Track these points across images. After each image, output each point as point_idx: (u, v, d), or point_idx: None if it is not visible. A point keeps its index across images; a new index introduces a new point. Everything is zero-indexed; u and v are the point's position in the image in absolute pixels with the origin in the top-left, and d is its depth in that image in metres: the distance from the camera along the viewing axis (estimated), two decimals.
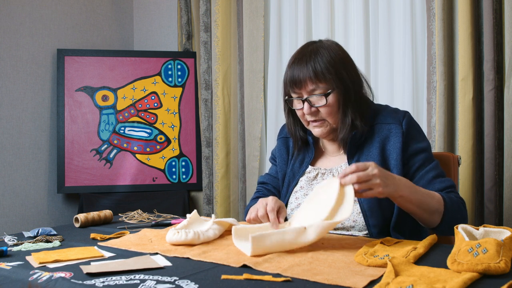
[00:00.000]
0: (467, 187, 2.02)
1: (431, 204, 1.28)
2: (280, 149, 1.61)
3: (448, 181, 1.39)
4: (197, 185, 2.96)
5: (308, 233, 1.13)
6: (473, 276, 0.87)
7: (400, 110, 1.48)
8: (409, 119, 1.44)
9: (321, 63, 1.38)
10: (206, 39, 2.86)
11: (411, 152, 1.41)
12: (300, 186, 1.50)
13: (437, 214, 1.30)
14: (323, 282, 0.90)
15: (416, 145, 1.41)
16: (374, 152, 1.42)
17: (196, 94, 2.99)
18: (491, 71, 1.96)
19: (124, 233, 1.38)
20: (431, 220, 1.31)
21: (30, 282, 0.96)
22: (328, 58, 1.39)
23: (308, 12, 2.60)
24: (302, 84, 1.39)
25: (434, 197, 1.30)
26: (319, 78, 1.38)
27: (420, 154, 1.41)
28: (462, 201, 1.36)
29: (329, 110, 1.40)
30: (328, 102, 1.39)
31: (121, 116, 2.92)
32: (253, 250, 1.09)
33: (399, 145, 1.40)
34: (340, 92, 1.40)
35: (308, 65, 1.39)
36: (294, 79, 1.40)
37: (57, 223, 2.87)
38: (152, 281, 0.92)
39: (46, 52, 2.86)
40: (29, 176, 2.77)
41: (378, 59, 2.41)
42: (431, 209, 1.29)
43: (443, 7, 2.06)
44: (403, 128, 1.41)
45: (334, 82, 1.38)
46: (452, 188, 1.38)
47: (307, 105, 1.40)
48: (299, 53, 1.45)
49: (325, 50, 1.41)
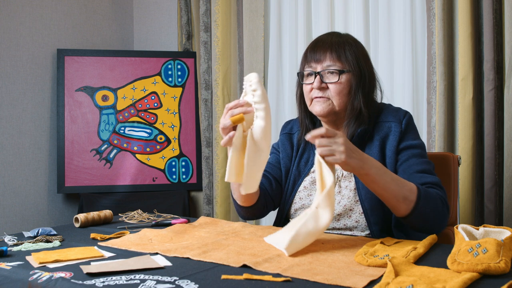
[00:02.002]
0: (467, 187, 2.02)
1: (399, 191, 1.24)
2: (284, 143, 1.61)
3: (432, 177, 1.35)
4: (197, 185, 2.96)
5: (320, 213, 1.16)
6: (473, 276, 0.87)
7: (402, 109, 1.49)
8: (409, 118, 1.45)
9: (345, 46, 1.42)
10: (206, 39, 2.86)
11: (402, 147, 1.41)
12: (304, 186, 1.50)
13: (407, 202, 1.24)
14: (323, 282, 0.90)
15: (408, 142, 1.41)
16: (375, 150, 1.42)
17: (196, 94, 2.99)
18: (491, 71, 1.96)
19: (124, 233, 1.38)
20: (398, 207, 1.26)
21: (30, 282, 0.96)
22: (353, 46, 1.44)
23: (308, 12, 2.60)
24: (321, 58, 1.41)
25: (406, 185, 1.26)
26: (339, 58, 1.41)
27: (410, 149, 1.40)
28: (442, 198, 1.31)
29: (339, 89, 1.40)
30: (340, 80, 1.40)
31: (121, 116, 2.92)
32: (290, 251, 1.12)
33: (395, 143, 1.40)
34: (354, 76, 1.41)
35: (332, 45, 1.42)
36: (315, 52, 1.43)
37: (57, 223, 2.87)
38: (152, 281, 0.92)
39: (46, 52, 2.86)
40: (29, 176, 2.77)
41: (378, 59, 2.41)
42: (398, 195, 1.24)
43: (443, 7, 2.06)
44: (402, 126, 1.42)
45: (352, 66, 1.41)
46: (434, 185, 1.33)
47: (318, 79, 1.41)
48: (324, 35, 1.49)
49: (351, 40, 1.47)
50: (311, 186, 1.49)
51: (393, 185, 1.24)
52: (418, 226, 1.30)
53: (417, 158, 1.39)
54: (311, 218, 1.16)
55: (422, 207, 1.25)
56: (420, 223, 1.29)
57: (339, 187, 1.45)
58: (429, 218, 1.28)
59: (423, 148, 1.43)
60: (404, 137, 1.42)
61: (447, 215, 1.32)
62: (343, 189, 1.43)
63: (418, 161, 1.38)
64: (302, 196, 1.49)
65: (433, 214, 1.28)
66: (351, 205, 1.41)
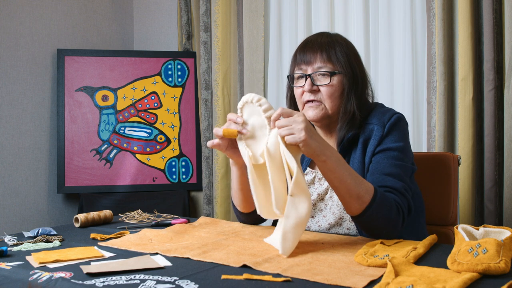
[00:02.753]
0: (467, 187, 2.02)
1: (355, 187, 1.18)
2: None
3: (395, 182, 1.28)
4: (197, 185, 2.96)
5: (296, 200, 1.11)
6: (473, 276, 0.87)
7: (391, 111, 1.40)
8: (395, 121, 1.36)
9: (336, 48, 1.38)
10: (206, 39, 2.86)
11: (378, 150, 1.34)
12: None
13: (360, 202, 1.19)
14: (323, 282, 0.90)
15: (385, 145, 1.34)
16: (358, 154, 1.38)
17: (196, 94, 2.99)
18: (491, 71, 1.96)
19: (124, 233, 1.38)
20: (350, 205, 1.21)
21: (30, 282, 0.96)
22: (343, 46, 1.40)
23: (308, 12, 2.60)
24: (311, 60, 1.38)
25: (363, 184, 1.20)
26: (330, 59, 1.37)
27: (385, 151, 1.33)
28: (398, 206, 1.24)
29: (331, 91, 1.36)
30: (331, 82, 1.36)
31: (121, 116, 2.92)
32: (287, 252, 1.09)
33: (372, 148, 1.35)
34: (346, 78, 1.37)
35: (322, 45, 1.38)
36: (304, 54, 1.39)
37: (57, 223, 2.87)
38: (152, 281, 0.92)
39: (46, 52, 2.86)
40: (29, 176, 2.77)
41: (378, 59, 2.41)
42: (353, 192, 1.18)
43: (443, 7, 2.06)
44: (384, 130, 1.35)
45: (343, 67, 1.37)
46: (394, 190, 1.26)
47: (309, 82, 1.37)
48: (314, 35, 1.45)
49: (342, 40, 1.42)
50: None
51: (350, 180, 1.18)
52: (366, 228, 1.25)
53: (389, 160, 1.32)
54: (290, 207, 1.11)
55: (374, 210, 1.20)
56: (368, 227, 1.24)
57: (331, 191, 1.41)
58: (378, 224, 1.22)
59: (402, 151, 1.34)
60: (384, 139, 1.34)
61: (400, 223, 1.24)
62: (335, 195, 1.39)
63: (388, 163, 1.31)
64: None
65: (383, 221, 1.21)
66: (341, 213, 1.38)
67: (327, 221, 1.40)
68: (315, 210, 1.43)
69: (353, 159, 1.39)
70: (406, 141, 1.38)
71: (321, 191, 1.43)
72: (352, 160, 1.39)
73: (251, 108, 1.21)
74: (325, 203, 1.42)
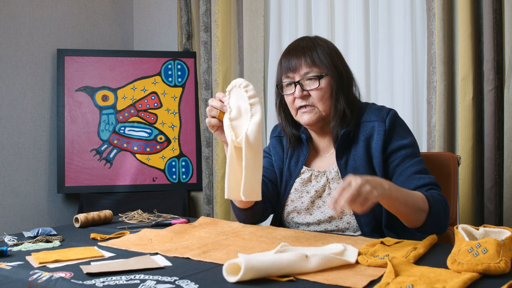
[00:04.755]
0: (467, 187, 2.02)
1: (413, 202, 1.22)
2: (275, 146, 1.60)
3: (429, 178, 1.35)
4: (197, 185, 2.96)
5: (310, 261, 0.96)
6: (473, 276, 0.87)
7: (385, 107, 1.46)
8: (393, 116, 1.42)
9: (318, 50, 1.42)
10: (206, 39, 2.86)
11: (392, 148, 1.39)
12: (294, 188, 1.50)
13: (423, 212, 1.24)
14: (323, 282, 0.90)
15: (397, 142, 1.39)
16: (360, 151, 1.41)
17: (196, 94, 2.99)
18: (491, 71, 1.96)
19: (124, 233, 1.38)
20: (416, 219, 1.25)
21: (30, 282, 0.96)
22: (325, 48, 1.43)
23: (308, 12, 2.60)
24: (297, 67, 1.41)
25: (417, 195, 1.25)
26: (314, 62, 1.40)
27: (401, 150, 1.38)
28: (444, 200, 1.31)
29: (321, 94, 1.40)
30: (320, 85, 1.39)
31: (121, 116, 2.92)
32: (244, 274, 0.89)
33: (380, 143, 1.39)
34: (333, 78, 1.41)
35: (304, 50, 1.42)
36: (289, 62, 1.42)
37: (57, 223, 2.87)
38: (152, 281, 0.92)
39: (46, 52, 2.86)
40: (29, 176, 2.77)
41: (378, 59, 2.41)
42: (416, 207, 1.23)
43: (443, 7, 2.06)
44: (386, 125, 1.40)
45: (328, 68, 1.40)
46: (433, 186, 1.33)
47: (299, 88, 1.40)
48: (295, 41, 1.48)
49: (322, 42, 1.46)
50: (301, 187, 1.49)
51: (410, 198, 1.23)
52: (429, 232, 1.29)
53: (410, 158, 1.37)
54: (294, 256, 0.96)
55: (434, 214, 1.25)
56: (433, 229, 1.28)
57: (329, 188, 1.45)
58: (441, 222, 1.28)
59: (414, 146, 1.41)
60: (391, 137, 1.40)
61: (449, 212, 1.32)
62: (333, 191, 1.43)
63: (412, 161, 1.37)
64: (293, 199, 1.49)
65: (443, 216, 1.28)
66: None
67: (326, 215, 1.43)
68: (313, 207, 1.46)
69: (353, 156, 1.42)
70: (411, 134, 1.44)
71: (318, 188, 1.46)
72: (353, 157, 1.42)
73: (239, 92, 1.27)
74: (323, 200, 1.45)
